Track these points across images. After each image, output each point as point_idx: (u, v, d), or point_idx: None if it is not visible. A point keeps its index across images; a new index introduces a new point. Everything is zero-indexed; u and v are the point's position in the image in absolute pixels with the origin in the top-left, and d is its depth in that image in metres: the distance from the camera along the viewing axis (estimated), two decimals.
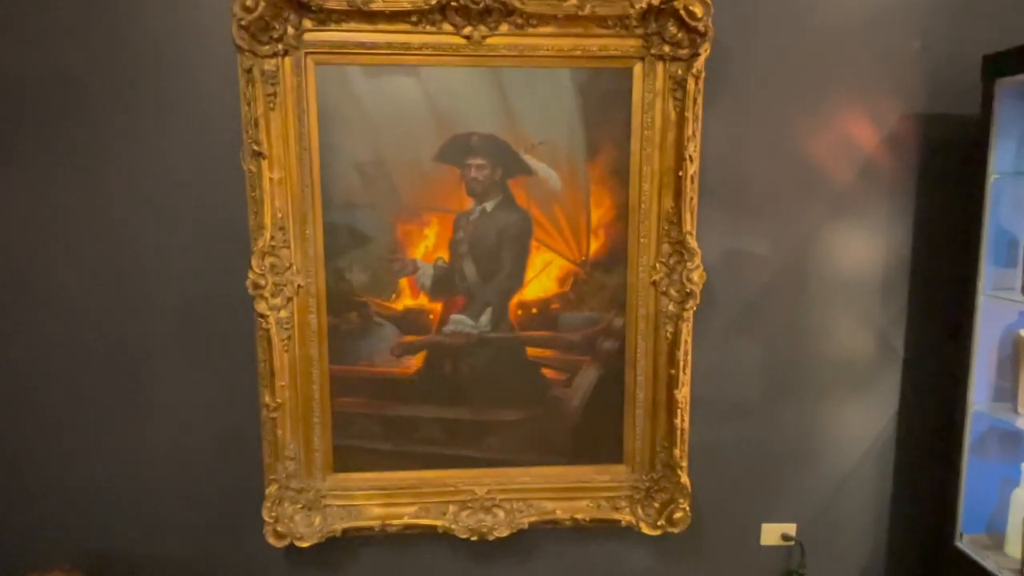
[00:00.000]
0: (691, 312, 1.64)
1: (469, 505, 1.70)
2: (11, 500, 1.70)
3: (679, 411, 1.66)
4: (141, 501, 1.72)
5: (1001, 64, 1.49)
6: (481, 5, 1.50)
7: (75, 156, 1.58)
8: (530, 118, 1.60)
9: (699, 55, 1.54)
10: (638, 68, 1.58)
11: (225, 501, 1.72)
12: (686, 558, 1.81)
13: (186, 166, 1.60)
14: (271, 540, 1.64)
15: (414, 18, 1.52)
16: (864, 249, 1.73)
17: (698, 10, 1.51)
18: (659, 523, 1.72)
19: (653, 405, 1.71)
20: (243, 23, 1.46)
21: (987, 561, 1.57)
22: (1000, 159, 1.53)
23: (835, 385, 1.77)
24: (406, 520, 1.69)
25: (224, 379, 1.67)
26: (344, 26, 1.53)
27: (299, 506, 1.67)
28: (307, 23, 1.52)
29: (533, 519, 1.70)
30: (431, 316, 1.67)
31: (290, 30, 1.51)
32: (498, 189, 1.62)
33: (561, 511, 1.71)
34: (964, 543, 1.64)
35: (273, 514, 1.64)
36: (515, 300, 1.67)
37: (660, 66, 1.58)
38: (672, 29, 1.54)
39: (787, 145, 1.67)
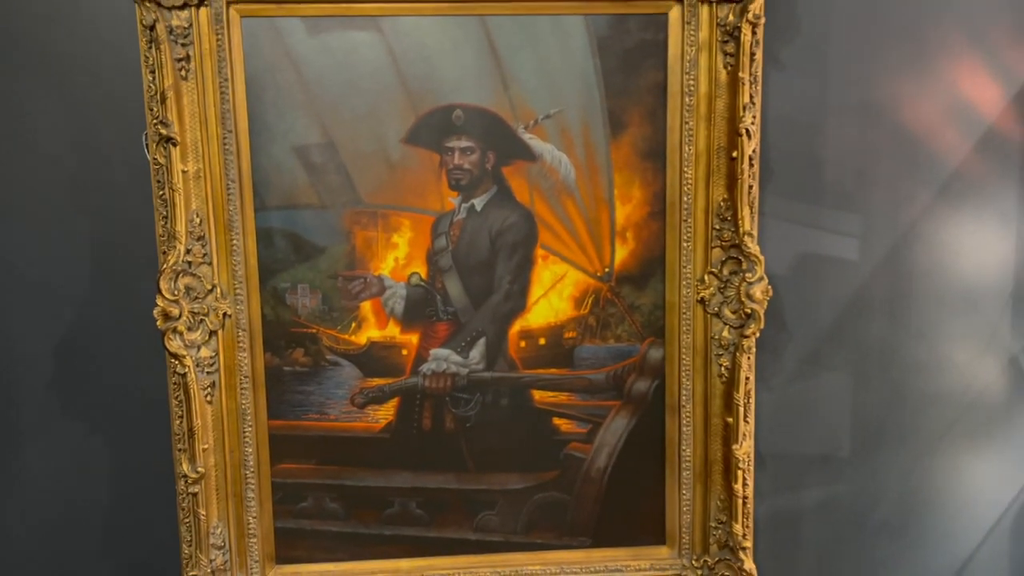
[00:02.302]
0: (753, 339, 1.14)
1: None
2: None
3: (740, 473, 1.15)
4: None
5: None
6: None
7: None
8: (531, 84, 1.14)
9: None
10: (675, 12, 1.10)
11: None
12: None
13: (70, 155, 1.15)
14: None
15: None
16: (986, 249, 1.25)
17: None
18: None
19: (705, 465, 1.21)
20: None
21: None
22: None
23: (953, 431, 1.28)
24: None
25: (125, 443, 1.20)
26: None
27: None
28: None
29: None
30: (404, 352, 1.20)
31: None
32: (490, 180, 1.16)
33: None
34: None
35: None
36: (516, 328, 1.19)
37: (704, 10, 1.10)
38: None
39: (878, 112, 1.20)
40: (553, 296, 1.19)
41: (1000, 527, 1.29)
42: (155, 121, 1.08)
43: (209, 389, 1.14)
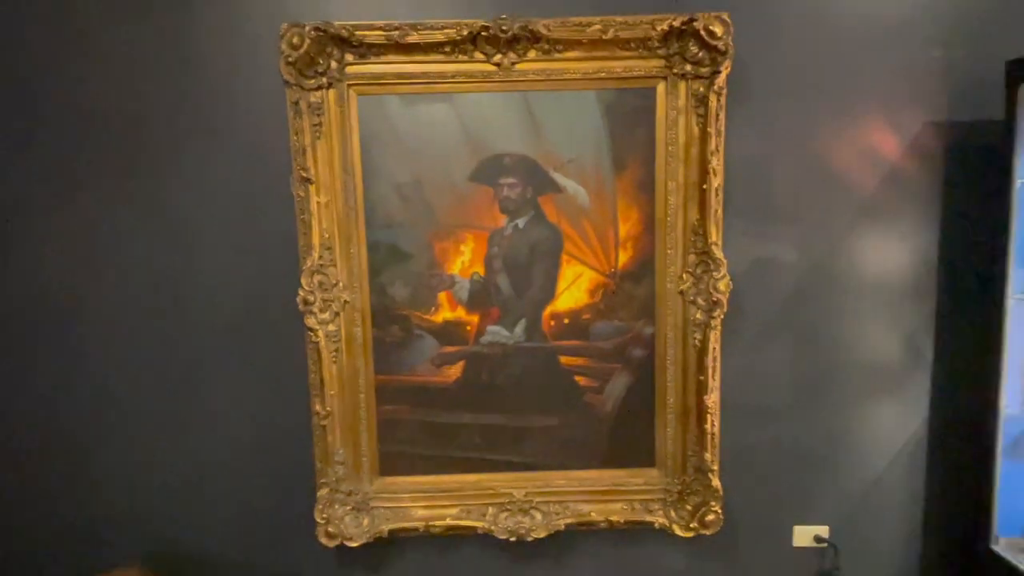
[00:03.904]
0: (719, 320, 1.41)
1: (508, 507, 1.49)
2: (83, 505, 1.55)
3: (709, 416, 1.43)
4: (201, 504, 1.55)
5: None
6: (510, 34, 1.32)
7: (140, 181, 1.43)
8: (558, 138, 1.40)
9: (720, 72, 1.33)
10: (661, 87, 1.38)
11: (279, 503, 1.54)
12: (719, 559, 1.56)
13: (240, 191, 1.44)
14: (323, 540, 1.46)
15: (447, 48, 1.35)
16: (891, 254, 1.47)
17: (718, 29, 1.31)
18: (691, 525, 1.48)
19: (683, 410, 1.48)
20: (290, 60, 1.32)
21: None
22: None
23: (865, 389, 1.51)
24: (448, 522, 1.48)
25: (277, 389, 1.49)
26: (383, 59, 1.36)
27: (348, 508, 1.48)
28: (348, 57, 1.36)
29: (569, 521, 1.48)
30: (468, 328, 1.47)
31: (333, 64, 1.36)
32: (529, 206, 1.43)
33: (596, 513, 1.49)
34: (1000, 546, 1.38)
35: (324, 516, 1.46)
36: (548, 311, 1.47)
37: (682, 84, 1.37)
38: (693, 49, 1.34)
39: (811, 155, 1.43)
40: (574, 289, 1.46)
41: (900, 458, 1.54)
42: (298, 167, 1.38)
43: (334, 353, 1.45)
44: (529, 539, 1.47)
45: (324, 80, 1.36)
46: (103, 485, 1.53)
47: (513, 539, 1.47)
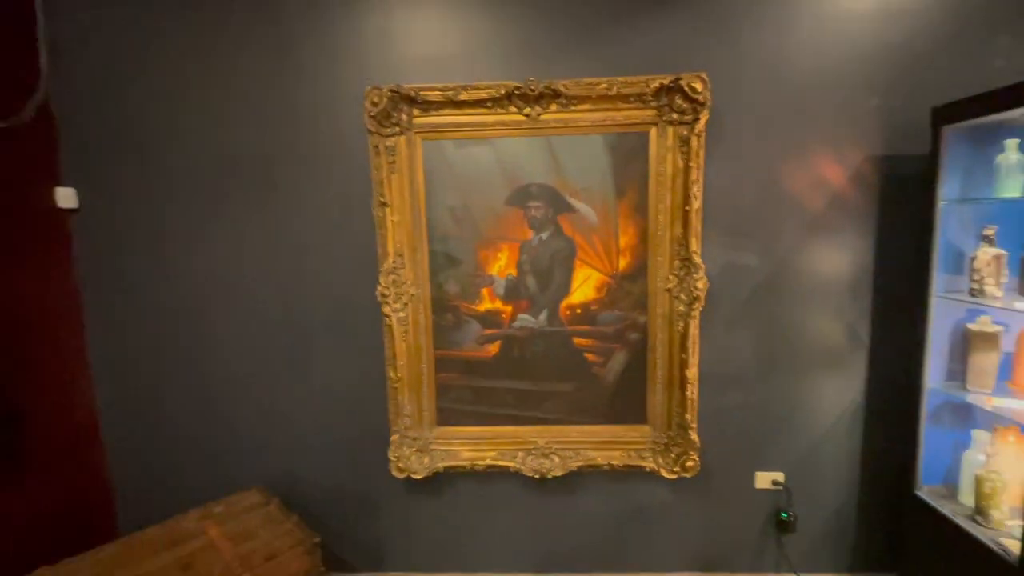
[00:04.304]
0: (697, 311, 1.73)
1: (533, 452, 1.84)
2: (221, 441, 1.94)
3: (689, 385, 1.76)
4: (306, 443, 1.92)
5: (947, 113, 1.53)
6: (536, 92, 1.67)
7: (264, 207, 1.81)
8: (573, 171, 1.73)
9: (700, 119, 1.64)
10: (653, 131, 1.70)
11: (363, 444, 1.90)
12: (696, 496, 1.88)
13: (335, 213, 1.80)
14: (394, 473, 1.85)
15: (489, 104, 1.70)
16: (835, 260, 1.75)
17: (698, 86, 1.63)
18: (675, 469, 1.82)
19: (669, 381, 1.80)
20: (372, 114, 1.69)
21: (944, 508, 1.60)
22: (948, 189, 1.56)
23: (814, 365, 1.80)
24: (488, 462, 1.85)
25: (362, 359, 1.85)
26: (441, 112, 1.72)
27: (413, 450, 1.86)
28: (415, 111, 1.72)
29: (580, 463, 1.83)
30: (503, 315, 1.81)
31: (404, 117, 1.72)
32: (551, 223, 1.75)
33: (601, 458, 1.83)
34: (923, 492, 1.67)
35: (395, 455, 1.85)
36: (564, 303, 1.79)
37: (670, 129, 1.69)
38: (679, 101, 1.66)
39: (772, 182, 1.72)
40: (584, 287, 1.78)
41: (842, 420, 1.83)
42: (377, 195, 1.74)
43: (403, 333, 1.82)
44: (549, 477, 1.83)
45: (397, 129, 1.72)
46: (235, 427, 1.93)
47: (537, 476, 1.83)
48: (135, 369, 1.91)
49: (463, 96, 1.68)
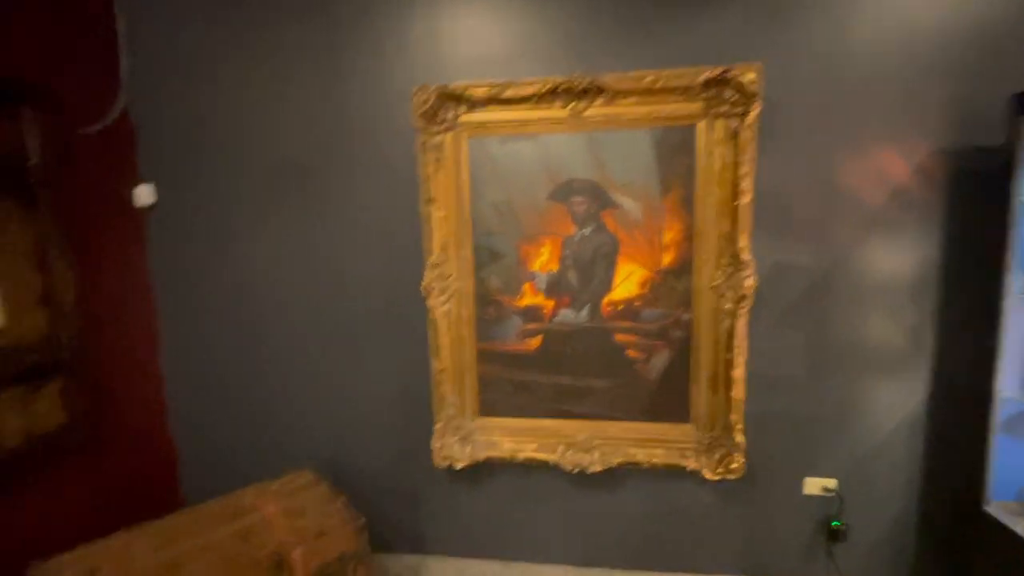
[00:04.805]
0: (745, 310, 1.69)
1: (573, 446, 1.86)
2: (277, 423, 2.07)
3: (734, 385, 1.73)
4: (354, 429, 2.02)
5: None
6: (581, 87, 1.68)
7: (318, 203, 1.91)
8: (617, 166, 1.72)
9: (751, 112, 1.60)
10: (701, 125, 1.67)
11: (408, 432, 1.98)
12: (740, 499, 1.85)
13: (384, 209, 1.87)
14: (437, 461, 1.92)
15: (534, 100, 1.72)
16: (895, 259, 1.66)
17: (750, 77, 1.59)
18: (718, 470, 1.79)
19: (714, 380, 1.77)
20: (419, 112, 1.75)
21: (1016, 526, 1.50)
22: None
23: (869, 368, 1.73)
24: (528, 454, 1.89)
25: (408, 351, 1.93)
26: (486, 109, 1.75)
27: (456, 439, 1.92)
28: (461, 109, 1.76)
29: (620, 460, 1.84)
30: (545, 310, 1.84)
31: (450, 115, 1.77)
32: (594, 219, 1.76)
33: (641, 456, 1.83)
34: (993, 508, 1.57)
35: (439, 443, 1.91)
36: (606, 299, 1.80)
37: (719, 122, 1.65)
38: (729, 93, 1.62)
39: (827, 177, 1.66)
40: (627, 283, 1.78)
41: (901, 428, 1.74)
42: (424, 191, 1.80)
43: (447, 326, 1.87)
44: (589, 471, 1.84)
45: (443, 127, 1.77)
46: (290, 411, 2.05)
47: (576, 471, 1.85)
48: (201, 354, 2.07)
49: (508, 93, 1.71)
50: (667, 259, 1.75)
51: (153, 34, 1.90)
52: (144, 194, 1.97)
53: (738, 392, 1.73)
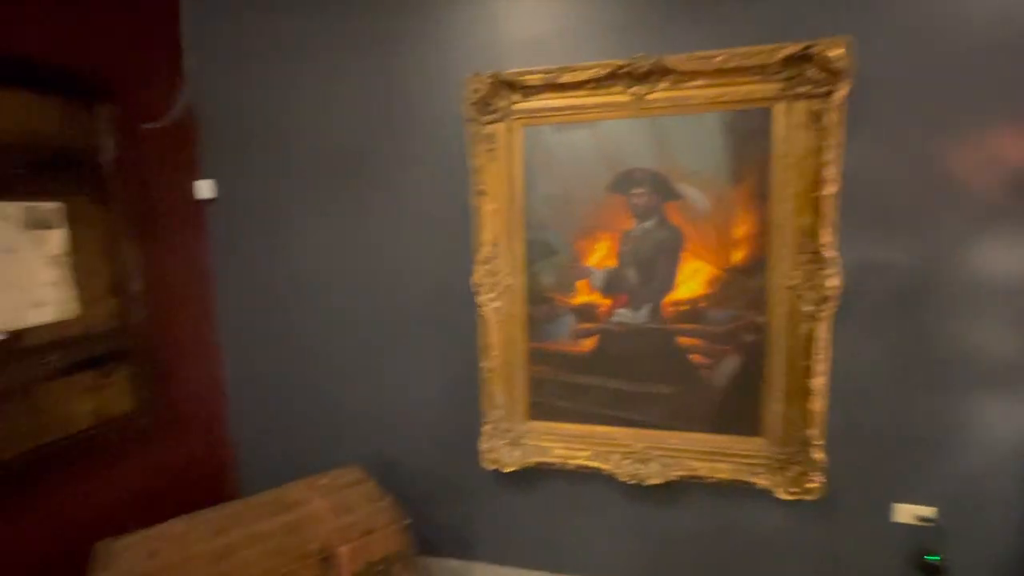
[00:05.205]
0: (827, 313, 1.53)
1: (629, 456, 1.76)
2: (327, 419, 2.10)
3: (813, 397, 1.57)
4: (403, 427, 2.01)
5: None
6: (644, 69, 1.58)
7: (368, 197, 1.92)
8: (682, 154, 1.61)
9: (837, 92, 1.44)
10: (778, 107, 1.53)
11: (456, 433, 1.94)
12: (817, 523, 1.68)
13: (431, 202, 1.85)
14: (485, 464, 1.87)
15: (591, 85, 1.64)
16: (1012, 258, 1.45)
17: (837, 52, 1.43)
18: (792, 490, 1.63)
19: (789, 390, 1.62)
20: (471, 101, 1.70)
21: None
22: None
23: (977, 383, 1.51)
24: (580, 461, 1.80)
25: (457, 349, 1.89)
26: (541, 96, 1.69)
27: (505, 442, 1.86)
28: (515, 97, 1.70)
29: (681, 473, 1.71)
30: (601, 309, 1.75)
31: (503, 103, 1.71)
32: (656, 211, 1.66)
33: (705, 470, 1.70)
34: None
35: (487, 446, 1.87)
36: (668, 299, 1.69)
37: (799, 104, 1.50)
38: (811, 72, 1.47)
39: (927, 164, 1.47)
40: (692, 281, 1.66)
41: (1014, 455, 1.51)
42: (475, 183, 1.76)
43: (498, 324, 1.82)
44: (646, 484, 1.73)
45: (496, 116, 1.72)
46: (339, 406, 2.08)
47: (633, 482, 1.75)
48: (256, 345, 2.13)
49: (564, 78, 1.64)
50: (738, 256, 1.62)
51: (214, 31, 1.97)
52: (205, 187, 2.04)
53: (817, 404, 1.57)
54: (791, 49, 1.46)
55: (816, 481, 1.60)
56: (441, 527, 2.03)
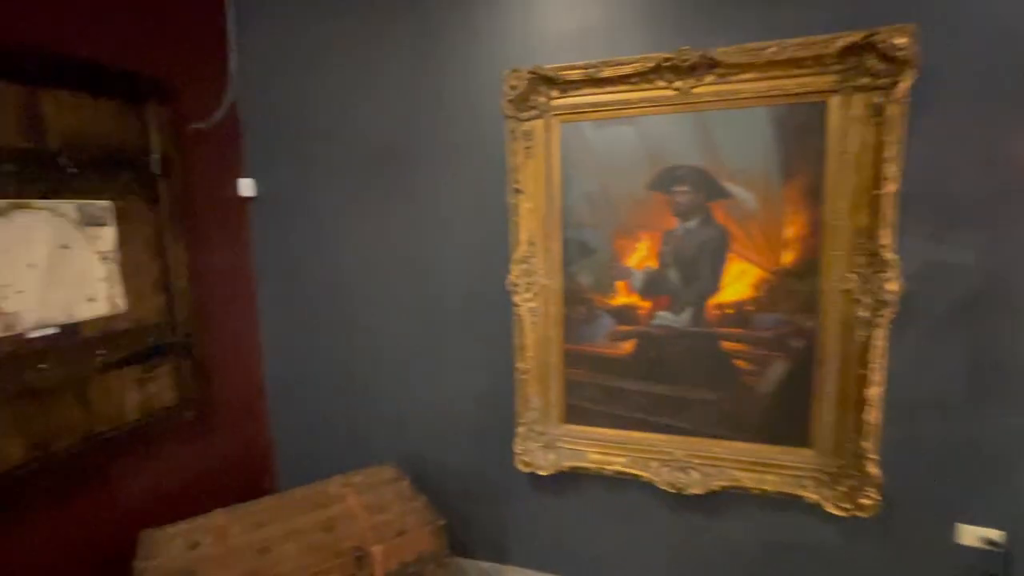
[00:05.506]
0: (886, 319, 1.44)
1: (668, 464, 1.71)
2: (362, 418, 2.12)
3: (869, 408, 1.48)
4: (438, 426, 2.02)
5: None
6: (690, 63, 1.53)
7: (403, 195, 1.92)
8: (729, 151, 1.55)
9: (901, 83, 1.36)
10: (834, 100, 1.45)
11: (490, 434, 1.93)
12: (872, 542, 1.59)
13: (468, 200, 1.84)
14: (519, 467, 1.85)
15: (634, 79, 1.59)
16: None
17: (902, 41, 1.34)
18: (844, 505, 1.55)
19: (843, 400, 1.53)
20: (510, 98, 1.69)
21: None
22: None
23: None
24: (617, 467, 1.76)
25: (492, 348, 1.87)
26: (580, 92, 1.65)
27: (539, 445, 1.84)
28: (554, 93, 1.67)
29: (724, 484, 1.65)
30: (640, 311, 1.70)
31: (542, 99, 1.69)
32: (700, 210, 1.60)
33: (749, 481, 1.64)
34: None
35: (520, 448, 1.85)
36: (712, 301, 1.63)
37: (858, 97, 1.42)
38: (871, 62, 1.39)
39: (1002, 160, 1.37)
40: (738, 283, 1.60)
41: None
42: (512, 181, 1.73)
43: (533, 324, 1.79)
44: (686, 493, 1.68)
45: (535, 112, 1.69)
46: (374, 403, 2.09)
47: (672, 491, 1.69)
48: (296, 341, 2.17)
49: (606, 73, 1.60)
50: (787, 257, 1.55)
51: (258, 32, 2.01)
52: (247, 185, 2.09)
53: (873, 416, 1.48)
54: (851, 38, 1.39)
55: (871, 497, 1.51)
56: (473, 528, 2.02)
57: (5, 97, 1.39)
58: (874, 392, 1.48)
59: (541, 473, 1.82)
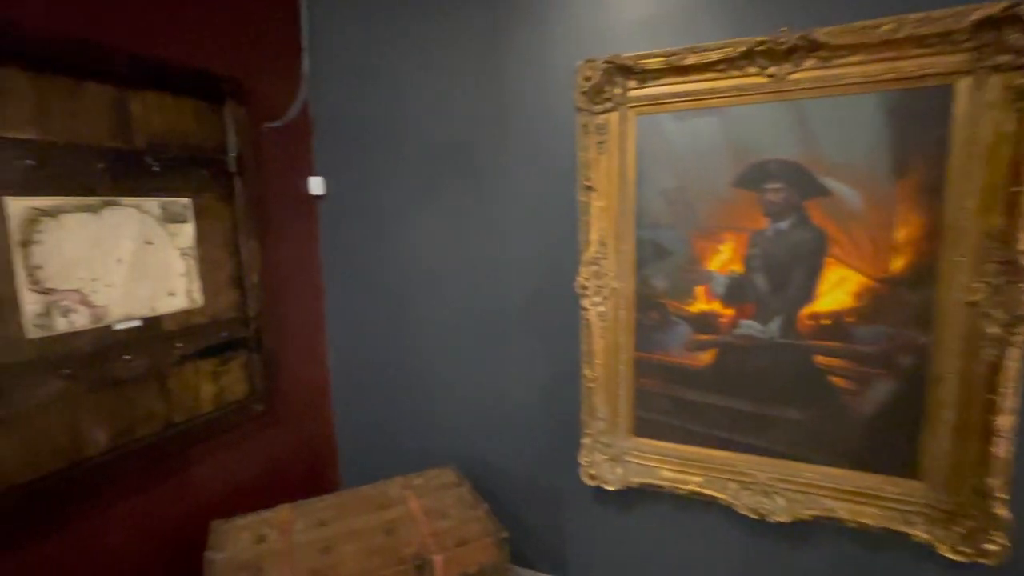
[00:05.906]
0: (1022, 338, 1.25)
1: (750, 487, 1.57)
2: (422, 420, 2.11)
3: (997, 438, 1.29)
4: (499, 430, 1.97)
5: None
6: (788, 46, 1.38)
7: (471, 193, 1.89)
8: (830, 143, 1.39)
9: None
10: (963, 83, 1.26)
11: (554, 443, 1.87)
12: None
13: (538, 198, 1.78)
14: (584, 479, 1.77)
15: (722, 66, 1.47)
16: None
17: None
18: (963, 549, 1.36)
19: (963, 428, 1.35)
20: (583, 90, 1.61)
21: None
22: None
23: None
24: (692, 487, 1.64)
25: (558, 353, 1.81)
26: (660, 81, 1.55)
27: (606, 457, 1.75)
28: (631, 83, 1.58)
29: (815, 513, 1.50)
30: (722, 320, 1.57)
31: (617, 91, 1.59)
32: (794, 209, 1.45)
33: (845, 512, 1.47)
34: None
35: (586, 460, 1.76)
36: (805, 311, 1.47)
37: (994, 78, 1.23)
38: (1013, 37, 1.20)
39: None
40: (837, 291, 1.44)
41: None
42: (583, 178, 1.65)
43: (602, 329, 1.70)
44: (770, 520, 1.54)
45: (609, 104, 1.60)
46: (436, 404, 2.08)
47: (754, 516, 1.56)
48: (360, 339, 2.18)
49: (690, 60, 1.48)
50: (898, 263, 1.37)
51: (329, 33, 2.03)
52: (316, 183, 2.12)
53: (1003, 449, 1.29)
54: (987, 10, 1.20)
55: (997, 543, 1.32)
56: (536, 538, 1.96)
57: (99, 98, 1.46)
58: (1005, 421, 1.29)
59: (607, 487, 1.73)
